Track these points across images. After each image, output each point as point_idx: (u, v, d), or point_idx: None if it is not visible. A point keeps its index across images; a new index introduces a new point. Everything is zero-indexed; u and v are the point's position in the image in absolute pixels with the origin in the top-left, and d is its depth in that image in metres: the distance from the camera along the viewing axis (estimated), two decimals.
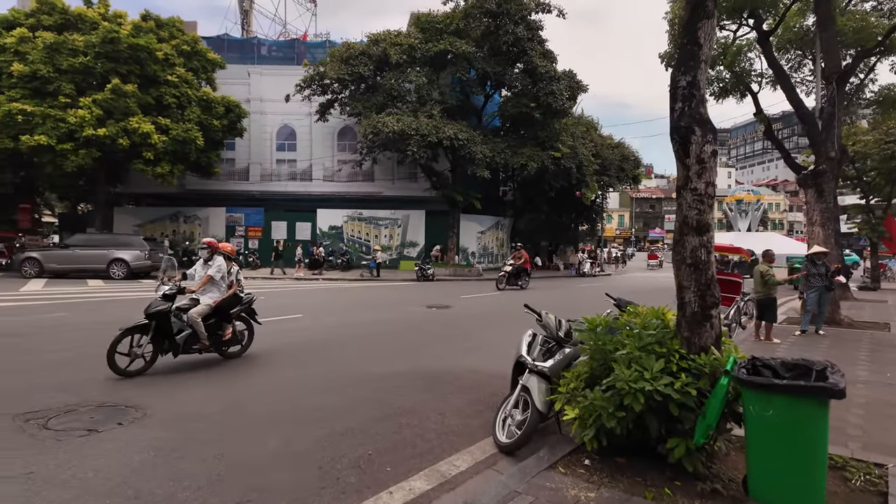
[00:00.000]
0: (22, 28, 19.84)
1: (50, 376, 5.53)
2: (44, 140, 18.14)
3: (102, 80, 20.08)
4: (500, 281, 17.43)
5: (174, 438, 3.91)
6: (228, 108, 24.15)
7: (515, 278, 17.65)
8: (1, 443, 3.75)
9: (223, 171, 27.04)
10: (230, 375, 5.84)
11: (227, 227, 26.57)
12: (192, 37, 24.18)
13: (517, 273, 17.76)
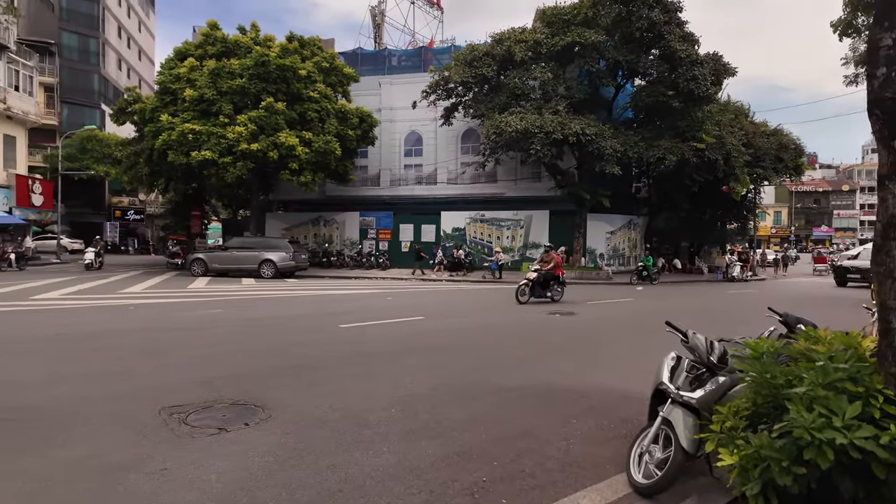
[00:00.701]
0: (192, 58, 22.90)
1: (198, 371, 6.02)
2: (208, 155, 20.66)
3: (255, 98, 22.40)
4: (522, 293, 13.55)
5: (293, 444, 3.93)
6: (362, 118, 25.59)
7: (543, 288, 13.91)
8: (149, 436, 4.05)
9: (357, 177, 28.77)
10: (349, 380, 5.89)
11: (361, 231, 28.19)
12: (330, 53, 26.06)
13: (545, 281, 13.96)
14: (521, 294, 13.50)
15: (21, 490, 3.16)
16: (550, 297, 13.98)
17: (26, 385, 5.33)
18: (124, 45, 49.40)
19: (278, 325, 9.62)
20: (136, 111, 23.85)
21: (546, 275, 13.90)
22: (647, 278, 21.41)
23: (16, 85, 27.70)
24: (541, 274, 13.86)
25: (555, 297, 14.04)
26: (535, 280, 13.70)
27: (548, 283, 13.97)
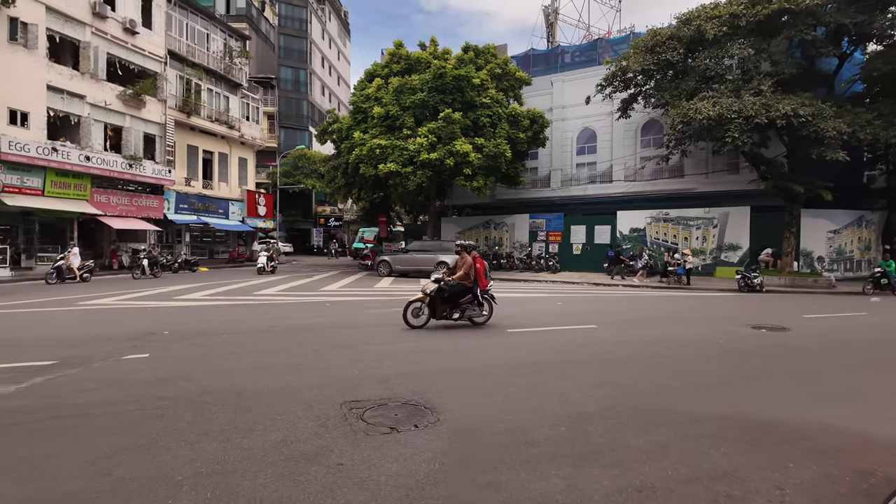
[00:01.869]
0: (379, 78, 25.14)
1: (376, 367, 6.39)
2: (393, 167, 22.40)
3: (434, 110, 23.68)
4: (415, 313, 9.35)
5: (458, 454, 3.84)
6: (533, 119, 25.39)
7: (451, 305, 9.48)
8: (331, 429, 4.33)
9: (527, 179, 28.63)
10: (515, 390, 5.66)
11: (531, 233, 27.96)
12: (503, 59, 26.42)
13: (452, 296, 9.43)
14: (414, 315, 9.29)
15: (217, 471, 3.57)
16: (467, 318, 9.58)
17: (238, 372, 6.20)
18: (326, 72, 56.72)
19: (454, 323, 9.85)
20: (335, 130, 27.03)
21: (454, 288, 9.41)
22: (888, 287, 17.32)
23: (247, 116, 33.60)
24: (446, 285, 9.40)
25: (474, 318, 9.61)
26: (437, 295, 9.36)
27: (457, 298, 9.49)
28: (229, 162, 32.46)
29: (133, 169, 24.38)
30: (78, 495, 3.16)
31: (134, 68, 25.09)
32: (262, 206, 35.02)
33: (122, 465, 3.56)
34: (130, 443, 3.96)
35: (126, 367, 6.31)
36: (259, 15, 48.52)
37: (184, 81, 28.04)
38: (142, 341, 7.87)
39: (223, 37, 31.21)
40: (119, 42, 24.04)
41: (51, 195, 21.12)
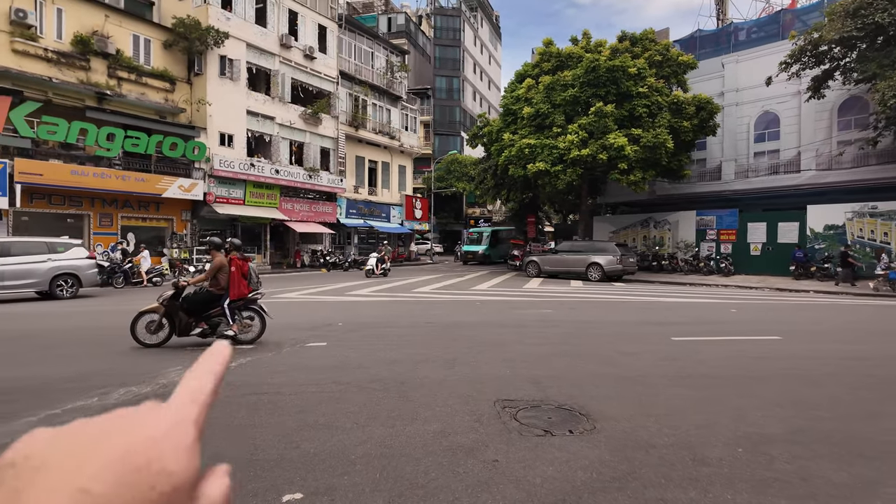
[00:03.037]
0: (529, 79, 25.04)
1: (528, 368, 6.38)
2: (542, 166, 22.16)
3: (585, 105, 22.91)
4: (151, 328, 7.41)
5: (617, 464, 3.66)
6: (699, 106, 23.18)
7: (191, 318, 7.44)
8: (485, 424, 4.45)
9: (693, 172, 26.16)
10: (681, 402, 5.21)
11: (698, 231, 25.48)
12: (664, 44, 24.55)
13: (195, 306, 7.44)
14: (150, 331, 7.37)
15: (384, 454, 3.87)
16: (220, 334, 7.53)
17: (400, 363, 6.65)
18: (478, 78, 58.22)
19: (605, 330, 9.45)
20: (485, 134, 27.63)
21: (197, 296, 7.49)
22: None
23: (406, 126, 35.99)
24: (186, 295, 7.49)
25: (223, 329, 7.52)
26: (172, 306, 7.33)
27: (202, 309, 7.49)
28: (390, 170, 35.09)
29: (312, 179, 27.66)
30: (275, 462, 3.68)
31: (312, 90, 28.45)
32: (419, 210, 37.20)
33: (307, 440, 4.06)
34: (313, 421, 4.49)
35: (308, 354, 7.18)
36: (416, 29, 51.66)
37: (352, 98, 31.02)
38: (320, 331, 8.88)
39: (385, 53, 33.86)
40: (300, 67, 27.47)
41: (250, 204, 24.92)
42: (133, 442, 0.31)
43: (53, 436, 0.32)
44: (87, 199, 19.44)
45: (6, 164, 16.37)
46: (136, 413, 0.33)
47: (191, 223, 23.25)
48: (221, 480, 0.34)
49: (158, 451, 0.31)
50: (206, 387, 0.36)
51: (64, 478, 0.29)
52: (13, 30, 17.39)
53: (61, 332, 8.86)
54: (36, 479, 0.29)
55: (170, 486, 0.30)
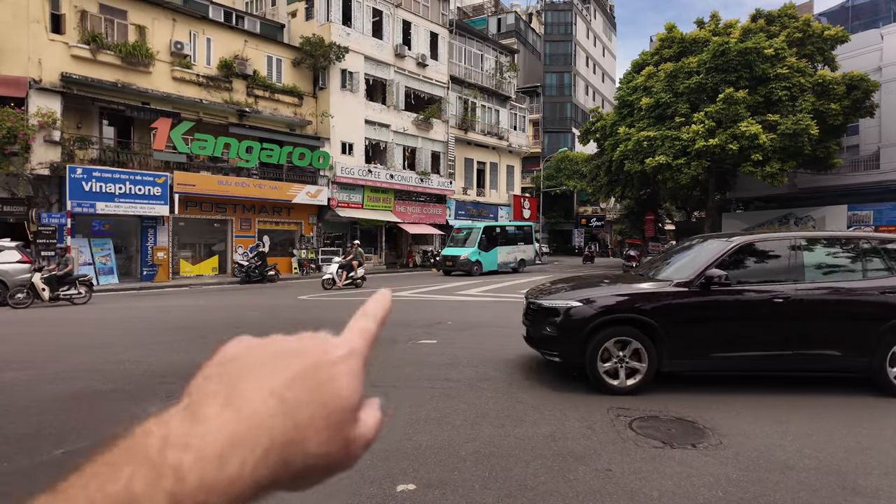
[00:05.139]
0: (649, 67, 23.64)
1: None
2: (662, 159, 20.80)
3: (713, 92, 21.12)
4: None
5: (746, 485, 3.34)
6: (851, 85, 20.34)
7: None
8: (598, 431, 4.29)
9: (844, 161, 22.97)
10: (825, 423, 4.60)
11: (850, 228, 22.32)
12: (804, 19, 21.88)
13: None
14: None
15: (493, 453, 3.88)
16: None
17: (508, 363, 6.63)
18: (590, 72, 56.22)
19: None
20: (598, 129, 26.59)
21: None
22: None
23: (514, 125, 35.81)
24: None
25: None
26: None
27: None
28: (498, 170, 35.14)
29: (423, 183, 28.60)
30: (390, 452, 3.87)
31: (424, 96, 29.40)
32: (527, 210, 36.80)
33: (420, 433, 4.22)
34: (425, 415, 4.65)
35: (421, 350, 7.44)
36: (526, 28, 51.19)
37: (462, 101, 31.55)
38: (432, 329, 9.16)
39: (494, 55, 33.99)
40: (413, 75, 28.52)
41: (367, 207, 26.40)
42: (318, 362, 0.35)
43: (256, 344, 0.37)
44: (230, 205, 21.91)
45: (167, 176, 19.00)
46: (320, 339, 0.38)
47: (316, 226, 25.21)
48: (375, 412, 0.38)
49: (335, 373, 0.35)
50: (372, 327, 0.40)
51: (261, 381, 0.34)
52: (173, 60, 20.14)
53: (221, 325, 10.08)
54: (240, 379, 0.34)
55: (338, 407, 0.35)
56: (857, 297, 5.28)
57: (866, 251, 5.47)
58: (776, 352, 5.22)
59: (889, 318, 5.17)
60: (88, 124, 18.70)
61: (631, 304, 5.25)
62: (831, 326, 5.26)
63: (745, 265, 5.55)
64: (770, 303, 5.18)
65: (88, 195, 17.10)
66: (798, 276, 5.29)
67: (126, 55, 18.62)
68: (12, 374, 6.09)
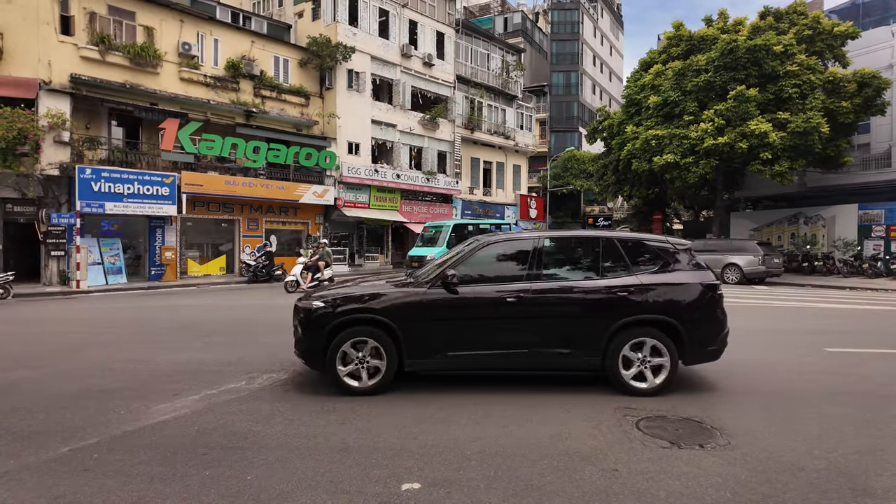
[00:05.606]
0: (657, 65, 23.48)
1: None
2: (670, 158, 20.66)
3: (721, 90, 20.95)
4: None
5: (756, 486, 3.30)
6: (862, 83, 20.10)
7: None
8: (604, 431, 4.26)
9: (855, 159, 22.74)
10: (837, 422, 4.54)
11: (860, 227, 22.11)
12: (814, 16, 21.67)
13: None
14: None
15: (499, 452, 3.86)
16: None
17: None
18: (597, 70, 55.98)
19: (744, 337, 8.54)
20: (605, 128, 26.45)
21: None
22: None
23: (521, 125, 35.71)
24: None
25: None
26: None
27: None
28: (505, 169, 35.06)
29: (430, 182, 28.59)
30: (395, 451, 3.86)
31: (430, 96, 29.38)
32: (534, 209, 36.69)
33: (425, 433, 4.20)
34: (430, 415, 4.64)
35: None
36: (533, 27, 51.05)
37: (468, 101, 31.50)
38: None
39: (501, 54, 33.92)
40: (419, 75, 28.51)
41: (374, 207, 26.41)
42: None
43: None
44: (238, 205, 21.99)
45: (175, 177, 19.10)
46: None
47: (323, 226, 25.25)
48: None
49: None
50: None
51: None
52: (181, 60, 20.24)
53: (221, 323, 10.12)
54: None
55: None
56: (591, 296, 5.21)
57: (606, 251, 5.39)
58: (512, 350, 5.22)
59: (620, 317, 5.12)
60: (97, 125, 18.84)
61: (369, 303, 5.18)
62: (565, 325, 5.23)
63: (489, 265, 5.51)
64: (503, 302, 5.16)
65: (97, 195, 17.23)
66: (536, 276, 5.28)
67: (134, 56, 18.74)
68: (22, 372, 6.14)
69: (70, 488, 3.27)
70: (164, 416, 4.58)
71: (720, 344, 5.39)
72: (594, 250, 5.43)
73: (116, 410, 4.74)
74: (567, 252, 5.70)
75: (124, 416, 4.61)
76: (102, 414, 4.65)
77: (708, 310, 5.34)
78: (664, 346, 5.16)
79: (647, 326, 5.19)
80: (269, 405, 4.91)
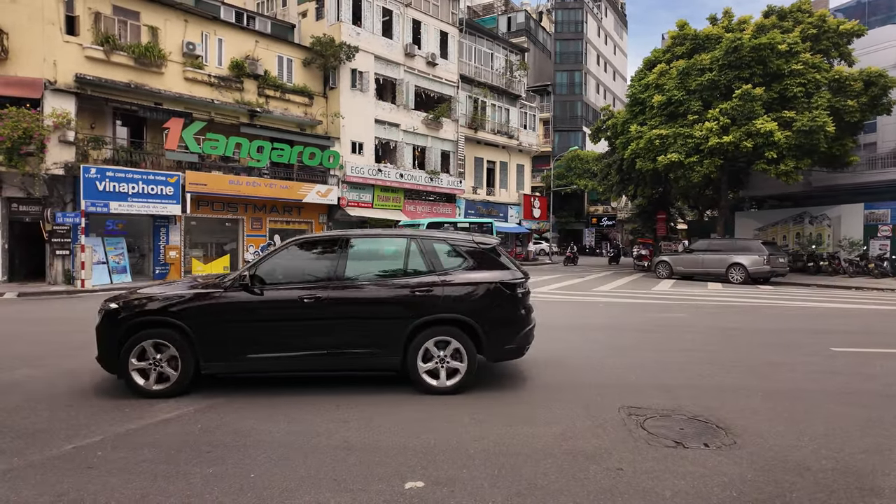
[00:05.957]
0: (661, 64, 23.38)
1: (657, 375, 5.96)
2: (674, 157, 20.55)
3: (726, 89, 20.84)
4: None
5: (762, 485, 3.27)
6: (869, 81, 19.94)
7: None
8: (609, 431, 4.24)
9: (861, 158, 22.61)
10: (844, 422, 4.50)
11: (866, 227, 21.95)
12: (819, 14, 21.54)
13: None
14: None
15: (502, 452, 3.84)
16: None
17: (516, 363, 6.57)
18: (601, 70, 55.86)
19: (749, 337, 8.51)
20: (609, 127, 26.36)
21: None
22: None
23: (524, 124, 35.66)
24: None
25: None
26: None
27: None
28: (508, 169, 35.02)
29: (433, 182, 28.58)
30: (398, 449, 3.85)
31: (434, 95, 29.37)
32: (537, 209, 36.63)
33: (428, 431, 4.19)
34: (434, 413, 4.62)
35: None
36: (537, 26, 51.00)
37: (472, 100, 31.47)
38: None
39: (504, 54, 33.88)
40: (423, 75, 28.51)
41: (377, 207, 26.42)
42: None
43: None
44: (242, 205, 22.02)
45: (179, 176, 19.14)
46: None
47: (327, 225, 25.28)
48: None
49: None
50: None
51: None
52: (185, 60, 20.28)
53: None
54: None
55: None
56: (390, 296, 5.16)
57: (410, 251, 5.34)
58: (313, 352, 5.15)
59: (419, 316, 5.08)
60: (102, 125, 18.90)
61: (163, 305, 5.07)
62: (365, 326, 5.18)
63: (295, 265, 5.43)
64: (301, 304, 5.08)
65: (102, 195, 17.28)
66: (339, 277, 5.21)
67: (139, 56, 18.79)
68: (26, 370, 6.16)
69: (73, 486, 3.27)
70: (167, 415, 4.58)
71: (520, 342, 5.36)
72: (398, 250, 5.39)
73: (120, 408, 4.75)
74: (372, 252, 5.62)
75: (128, 413, 4.61)
76: (106, 412, 4.66)
77: (506, 308, 5.30)
78: (462, 345, 5.14)
79: (446, 325, 5.15)
80: (270, 404, 4.90)
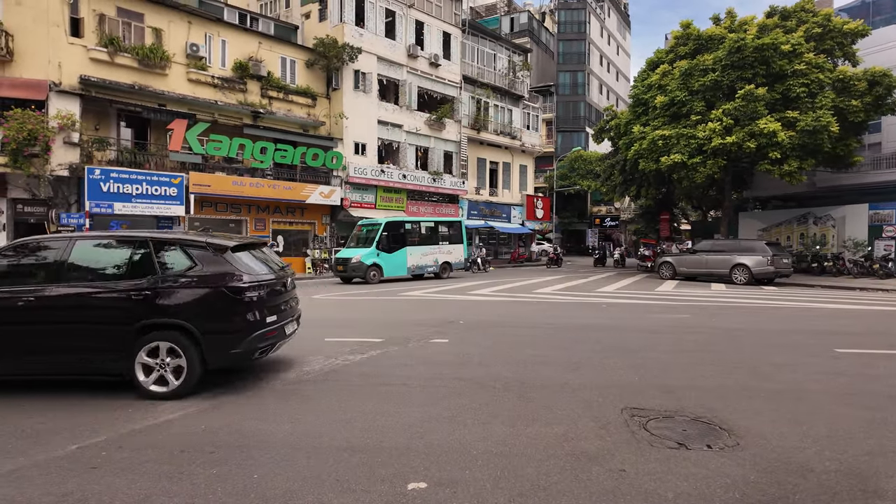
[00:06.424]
0: (664, 65, 23.34)
1: (660, 376, 5.95)
2: (678, 158, 20.50)
3: (729, 90, 20.79)
4: None
5: (765, 487, 3.26)
6: (873, 81, 19.86)
7: None
8: (611, 432, 4.24)
9: (865, 159, 22.52)
10: (847, 423, 4.48)
11: (871, 228, 21.85)
12: (824, 14, 21.47)
13: None
14: None
15: (505, 452, 3.84)
16: None
17: (521, 363, 6.59)
18: (604, 70, 55.80)
19: (752, 338, 8.49)
20: (612, 127, 26.33)
21: None
22: None
23: (527, 125, 35.65)
24: None
25: None
26: None
27: None
28: (511, 170, 35.01)
29: (436, 183, 28.60)
30: (401, 451, 3.86)
31: (436, 96, 29.39)
32: (540, 210, 36.61)
33: (431, 432, 4.20)
34: (437, 414, 4.63)
35: (432, 349, 7.42)
36: (539, 27, 50.96)
37: (474, 101, 31.49)
38: (443, 328, 9.14)
39: (507, 54, 33.88)
40: (426, 75, 28.54)
41: (380, 207, 26.44)
42: None
43: None
44: (245, 205, 22.09)
45: (183, 177, 19.22)
46: None
47: (329, 226, 25.33)
48: None
49: None
50: None
51: None
52: (188, 62, 20.37)
53: None
54: None
55: None
56: (109, 299, 5.05)
57: (135, 253, 5.22)
58: (29, 356, 5.09)
59: (137, 321, 4.97)
60: (106, 126, 18.99)
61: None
62: (83, 330, 5.06)
63: (22, 266, 5.34)
64: (14, 307, 4.98)
65: (106, 196, 17.36)
66: (59, 278, 5.11)
67: (143, 57, 18.88)
68: None
69: (78, 486, 3.29)
70: (171, 415, 4.60)
71: (248, 346, 5.18)
72: (126, 252, 5.25)
73: (124, 409, 4.77)
74: (98, 254, 5.37)
75: (132, 414, 4.64)
76: (110, 412, 4.68)
77: (229, 313, 5.13)
78: (182, 350, 5.00)
79: (167, 330, 5.03)
80: (274, 404, 4.92)
